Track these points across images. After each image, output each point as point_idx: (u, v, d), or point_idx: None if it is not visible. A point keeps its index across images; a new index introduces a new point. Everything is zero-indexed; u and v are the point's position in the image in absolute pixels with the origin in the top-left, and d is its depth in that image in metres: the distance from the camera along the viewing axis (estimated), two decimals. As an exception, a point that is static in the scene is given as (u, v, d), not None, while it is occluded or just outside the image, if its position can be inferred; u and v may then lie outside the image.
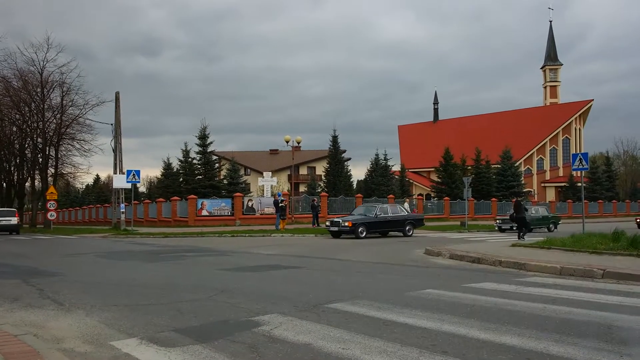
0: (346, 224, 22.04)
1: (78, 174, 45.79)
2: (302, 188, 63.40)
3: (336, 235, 22.44)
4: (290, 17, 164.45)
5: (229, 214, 34.00)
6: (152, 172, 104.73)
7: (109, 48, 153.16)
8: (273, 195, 35.82)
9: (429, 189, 62.12)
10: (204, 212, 33.80)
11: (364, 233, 22.11)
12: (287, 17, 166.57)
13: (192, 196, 34.47)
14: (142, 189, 74.08)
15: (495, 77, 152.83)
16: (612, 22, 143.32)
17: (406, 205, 30.55)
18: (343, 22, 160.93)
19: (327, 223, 23.33)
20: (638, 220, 30.70)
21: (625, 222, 33.31)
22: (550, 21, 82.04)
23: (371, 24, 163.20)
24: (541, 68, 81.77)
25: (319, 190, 45.28)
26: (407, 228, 23.62)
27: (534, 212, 27.93)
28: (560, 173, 71.92)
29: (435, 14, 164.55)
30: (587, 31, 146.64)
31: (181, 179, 43.80)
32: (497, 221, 28.12)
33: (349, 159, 59.46)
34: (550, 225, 28.22)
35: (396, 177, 54.02)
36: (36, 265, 11.95)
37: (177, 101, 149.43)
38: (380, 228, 23.28)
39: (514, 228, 24.05)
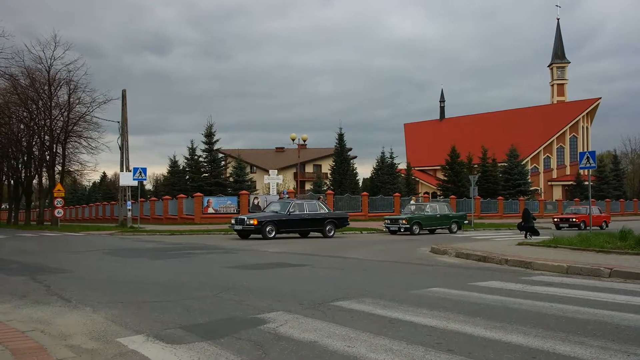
0: (252, 222, 19.41)
1: (85, 171, 46.11)
2: (308, 186, 63.45)
3: (243, 235, 20.15)
4: (300, 15, 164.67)
5: (235, 211, 34.09)
6: (159, 169, 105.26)
7: (118, 46, 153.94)
8: (279, 193, 35.87)
9: (435, 187, 61.99)
10: (210, 210, 33.92)
11: (273, 233, 19.71)
12: (297, 14, 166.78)
13: (198, 194, 34.58)
14: (148, 186, 74.31)
15: (505, 75, 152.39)
16: (625, 18, 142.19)
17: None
18: (353, 20, 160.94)
19: (233, 221, 20.62)
20: None
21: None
22: (558, 19, 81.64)
23: (382, 22, 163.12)
24: (548, 66, 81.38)
25: (325, 188, 45.29)
26: (327, 228, 21.17)
27: (429, 210, 24.95)
28: (568, 172, 71.56)
29: (446, 11, 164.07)
30: (599, 28, 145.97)
31: (187, 177, 43.93)
32: (386, 221, 24.75)
33: (355, 157, 59.42)
34: (453, 226, 25.24)
35: (402, 175, 53.94)
36: (43, 262, 12.02)
37: (185, 99, 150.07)
38: (294, 227, 20.87)
39: (402, 230, 23.18)
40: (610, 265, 9.21)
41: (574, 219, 28.87)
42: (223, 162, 45.93)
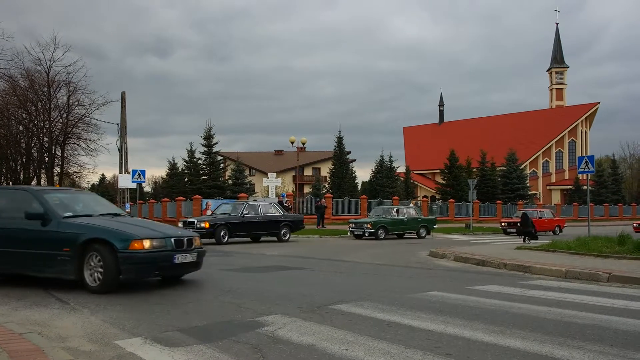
0: (202, 224, 18.09)
1: (84, 173, 46.13)
2: (306, 189, 63.41)
3: None
4: (303, 18, 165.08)
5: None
6: (158, 172, 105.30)
7: (120, 48, 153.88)
8: (277, 196, 35.86)
9: (434, 191, 61.99)
10: (209, 212, 33.82)
11: (226, 237, 18.40)
12: (299, 17, 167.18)
13: (197, 196, 34.52)
14: (147, 188, 74.35)
15: (507, 78, 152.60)
16: (627, 23, 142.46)
17: (412, 207, 30.03)
18: (356, 22, 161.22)
19: (180, 224, 18.94)
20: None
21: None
22: (557, 23, 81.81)
23: (384, 24, 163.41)
24: (547, 70, 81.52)
25: (324, 191, 45.27)
26: (282, 232, 20.10)
27: (396, 213, 23.80)
28: (566, 176, 71.63)
29: (449, 14, 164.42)
30: (601, 32, 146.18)
31: (186, 179, 43.90)
32: (351, 225, 23.53)
33: (354, 160, 59.41)
34: (421, 230, 24.00)
35: (401, 179, 53.95)
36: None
37: (186, 101, 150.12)
38: (249, 231, 19.56)
39: (367, 234, 21.83)
40: (609, 269, 9.22)
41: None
42: (222, 165, 45.93)
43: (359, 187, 56.56)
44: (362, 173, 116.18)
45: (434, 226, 25.20)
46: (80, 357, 4.18)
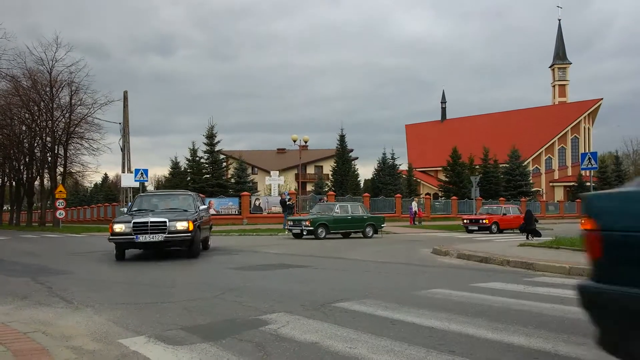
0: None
1: (87, 172, 46.30)
2: (309, 187, 63.42)
3: None
4: (307, 15, 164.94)
5: (236, 212, 34.10)
6: (160, 171, 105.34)
7: (124, 47, 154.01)
8: (280, 194, 35.88)
9: (436, 189, 61.98)
10: (211, 211, 33.84)
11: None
12: (304, 14, 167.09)
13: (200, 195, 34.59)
14: (150, 187, 74.37)
15: (512, 75, 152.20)
16: (633, 18, 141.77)
17: (414, 204, 29.66)
18: (360, 19, 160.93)
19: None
20: None
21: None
22: (559, 19, 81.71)
23: (388, 21, 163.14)
24: (550, 67, 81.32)
25: (326, 189, 45.28)
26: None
27: (338, 210, 21.93)
28: (569, 172, 71.52)
29: (454, 11, 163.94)
30: (606, 28, 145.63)
31: (189, 178, 43.92)
32: (289, 223, 22.25)
33: (356, 158, 59.44)
34: (367, 229, 22.05)
35: (403, 176, 53.93)
36: (45, 263, 12.03)
37: (189, 100, 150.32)
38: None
39: (305, 233, 20.46)
40: (612, 266, 9.18)
41: (484, 220, 25.54)
42: (224, 164, 45.94)
43: (362, 184, 56.53)
44: (365, 171, 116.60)
45: (382, 225, 23.15)
46: (85, 356, 4.19)
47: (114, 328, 5.14)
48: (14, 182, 51.12)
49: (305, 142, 35.02)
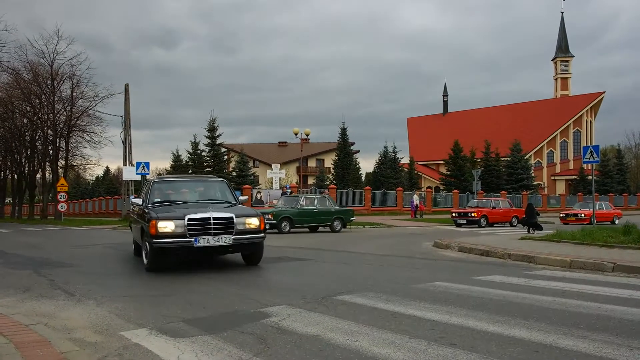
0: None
1: (88, 165, 46.33)
2: (310, 180, 63.47)
3: None
4: (310, 8, 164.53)
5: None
6: (162, 164, 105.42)
7: (127, 40, 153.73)
8: (281, 187, 35.88)
9: (438, 182, 61.92)
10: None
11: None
12: (307, 8, 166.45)
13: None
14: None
15: (516, 68, 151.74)
16: (638, 12, 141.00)
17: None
18: (364, 13, 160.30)
19: None
20: None
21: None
22: (562, 12, 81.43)
23: (392, 15, 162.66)
24: (552, 60, 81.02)
25: (328, 182, 45.28)
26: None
27: (303, 203, 20.90)
28: (571, 166, 71.38)
29: (458, 4, 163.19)
30: (612, 21, 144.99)
31: (190, 171, 43.97)
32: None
33: (358, 151, 59.42)
34: (335, 223, 21.18)
35: (405, 169, 53.88)
36: (47, 256, 12.06)
37: (192, 93, 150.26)
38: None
39: (267, 227, 18.49)
40: (614, 259, 9.19)
41: (473, 214, 25.04)
42: (226, 157, 45.95)
43: (363, 178, 56.55)
44: (366, 164, 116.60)
45: (351, 219, 22.12)
46: (87, 348, 4.20)
47: (115, 320, 5.16)
48: (15, 175, 51.17)
49: (307, 135, 34.93)
